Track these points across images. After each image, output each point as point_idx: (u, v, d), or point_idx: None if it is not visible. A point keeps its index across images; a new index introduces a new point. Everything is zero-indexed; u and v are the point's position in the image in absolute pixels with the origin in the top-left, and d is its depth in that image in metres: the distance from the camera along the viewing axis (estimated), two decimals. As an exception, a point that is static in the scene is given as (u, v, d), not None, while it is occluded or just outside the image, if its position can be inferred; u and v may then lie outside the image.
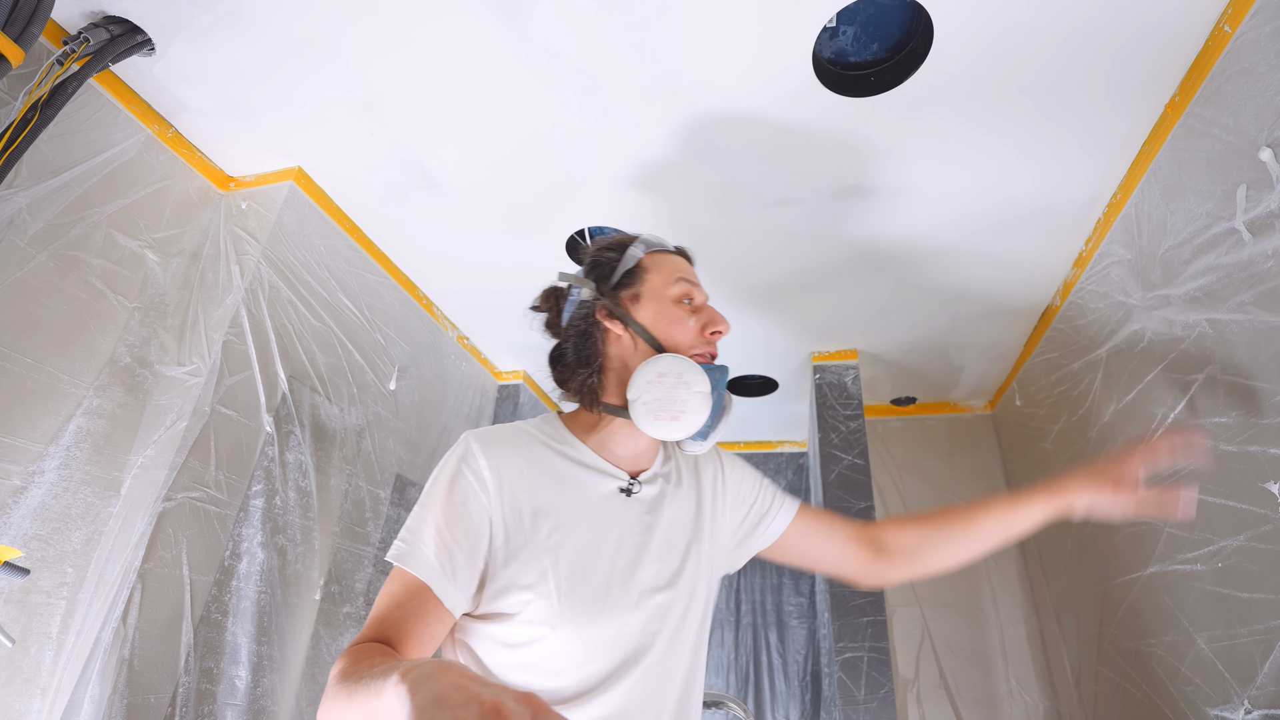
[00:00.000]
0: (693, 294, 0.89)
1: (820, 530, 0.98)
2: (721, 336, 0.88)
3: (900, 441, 2.57)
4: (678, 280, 0.89)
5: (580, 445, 0.85)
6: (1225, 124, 1.11)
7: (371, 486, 1.76)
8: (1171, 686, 1.34)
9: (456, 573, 0.72)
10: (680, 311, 0.87)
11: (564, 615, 0.74)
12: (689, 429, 0.78)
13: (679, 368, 0.79)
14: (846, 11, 1.17)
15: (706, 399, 0.79)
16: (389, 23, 1.16)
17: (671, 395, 0.78)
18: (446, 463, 0.79)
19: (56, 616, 1.14)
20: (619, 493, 0.83)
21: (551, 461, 0.82)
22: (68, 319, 1.21)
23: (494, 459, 0.78)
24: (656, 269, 0.90)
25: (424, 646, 0.70)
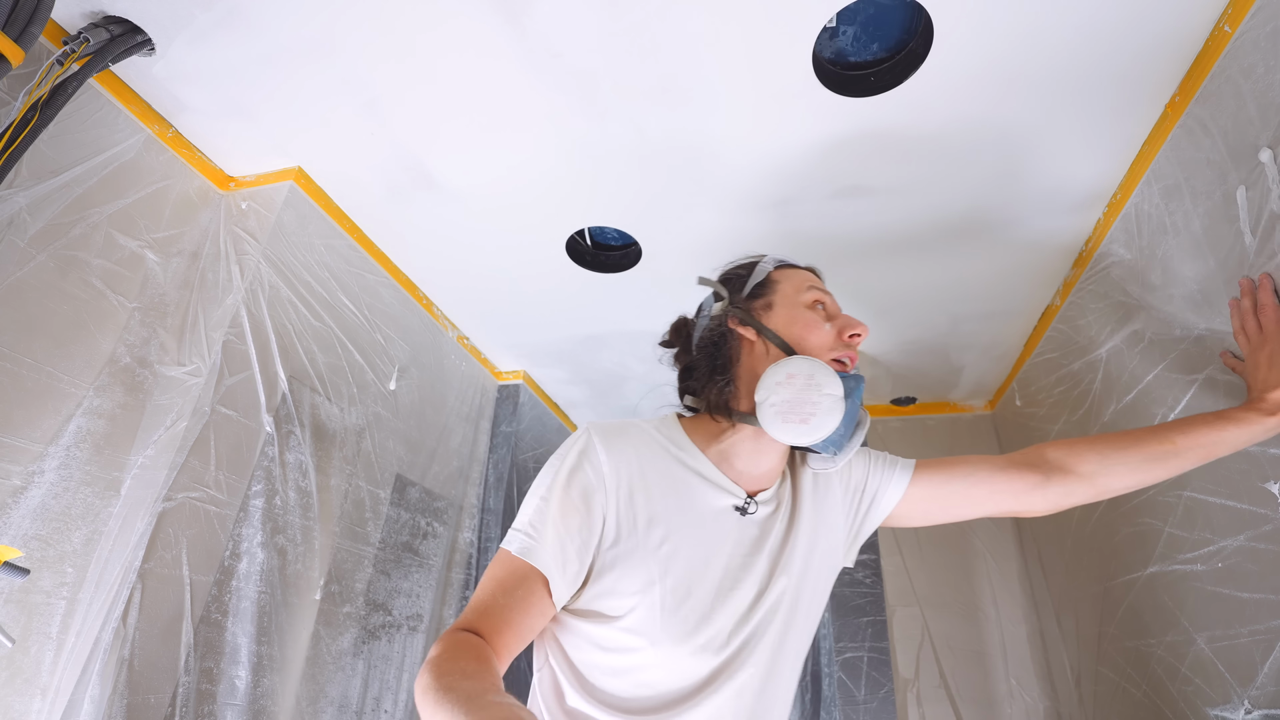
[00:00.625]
0: (825, 301, 0.89)
1: (954, 479, 0.91)
2: (860, 340, 0.86)
3: (900, 441, 2.57)
4: (809, 288, 0.89)
5: (699, 455, 0.83)
6: (1225, 124, 1.11)
7: (371, 486, 1.76)
8: (1171, 686, 1.34)
9: (567, 566, 0.72)
10: (813, 316, 0.86)
11: (665, 630, 0.72)
12: (819, 433, 0.74)
13: (809, 369, 0.76)
14: (846, 11, 1.17)
15: (839, 402, 0.75)
16: (390, 24, 1.17)
17: (801, 397, 0.74)
18: (567, 454, 0.78)
19: (56, 616, 1.14)
20: (733, 510, 0.81)
21: (669, 468, 0.80)
22: (68, 319, 1.21)
23: (614, 456, 0.77)
24: (787, 279, 0.91)
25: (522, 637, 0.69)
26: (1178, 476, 1.30)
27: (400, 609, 1.85)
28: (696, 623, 0.74)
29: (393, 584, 1.83)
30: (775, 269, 0.92)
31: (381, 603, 1.78)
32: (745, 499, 0.82)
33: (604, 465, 0.76)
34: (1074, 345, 1.75)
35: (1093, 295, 1.62)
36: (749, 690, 0.75)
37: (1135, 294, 1.43)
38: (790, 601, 0.81)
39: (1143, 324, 1.41)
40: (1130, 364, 1.47)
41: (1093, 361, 1.64)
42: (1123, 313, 1.49)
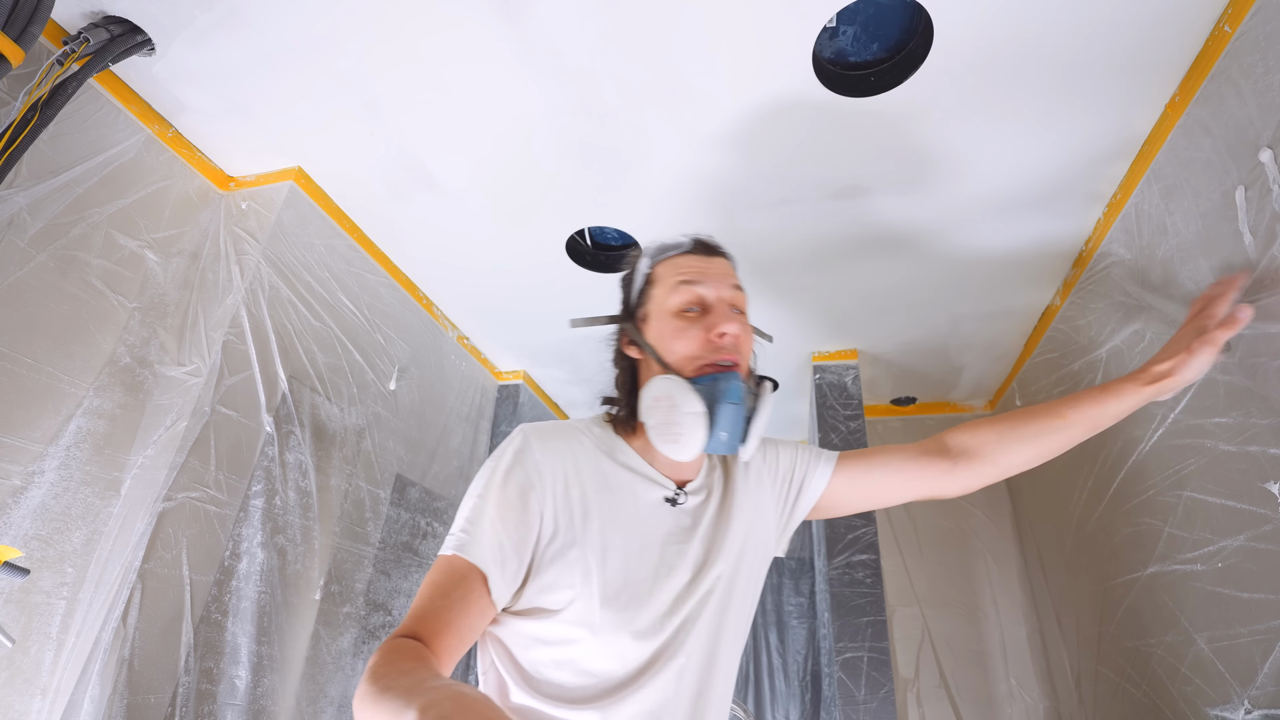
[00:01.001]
0: (700, 295, 0.84)
1: (873, 468, 0.94)
2: (730, 338, 0.82)
3: (900, 441, 2.56)
4: (677, 286, 0.84)
5: (629, 450, 0.85)
6: (1225, 124, 1.11)
7: (371, 486, 1.76)
8: (1171, 686, 1.34)
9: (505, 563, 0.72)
10: (680, 322, 0.83)
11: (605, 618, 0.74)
12: (692, 449, 0.76)
13: (668, 390, 0.78)
14: (846, 11, 1.17)
15: (699, 419, 0.76)
16: (390, 24, 1.16)
17: (668, 419, 0.77)
18: (502, 454, 0.78)
19: (56, 616, 1.14)
20: (665, 502, 0.83)
21: (601, 464, 0.82)
22: (68, 319, 1.21)
23: (549, 453, 0.78)
24: (660, 280, 0.87)
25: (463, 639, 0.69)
26: (1178, 476, 1.30)
27: (400, 609, 1.85)
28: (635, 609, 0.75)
29: (393, 584, 1.83)
30: (651, 267, 0.89)
31: (381, 603, 1.78)
32: (675, 490, 0.84)
33: (540, 463, 0.77)
34: (1074, 345, 1.75)
35: (1093, 295, 1.62)
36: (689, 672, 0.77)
37: (1135, 294, 1.43)
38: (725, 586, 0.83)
39: (1143, 324, 1.41)
40: (1130, 364, 1.47)
41: (1093, 361, 1.64)
42: (1123, 313, 1.49)
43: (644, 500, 0.82)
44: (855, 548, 1.96)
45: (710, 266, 0.87)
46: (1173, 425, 1.32)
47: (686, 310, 0.84)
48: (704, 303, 0.84)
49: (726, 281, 0.86)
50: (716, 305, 0.84)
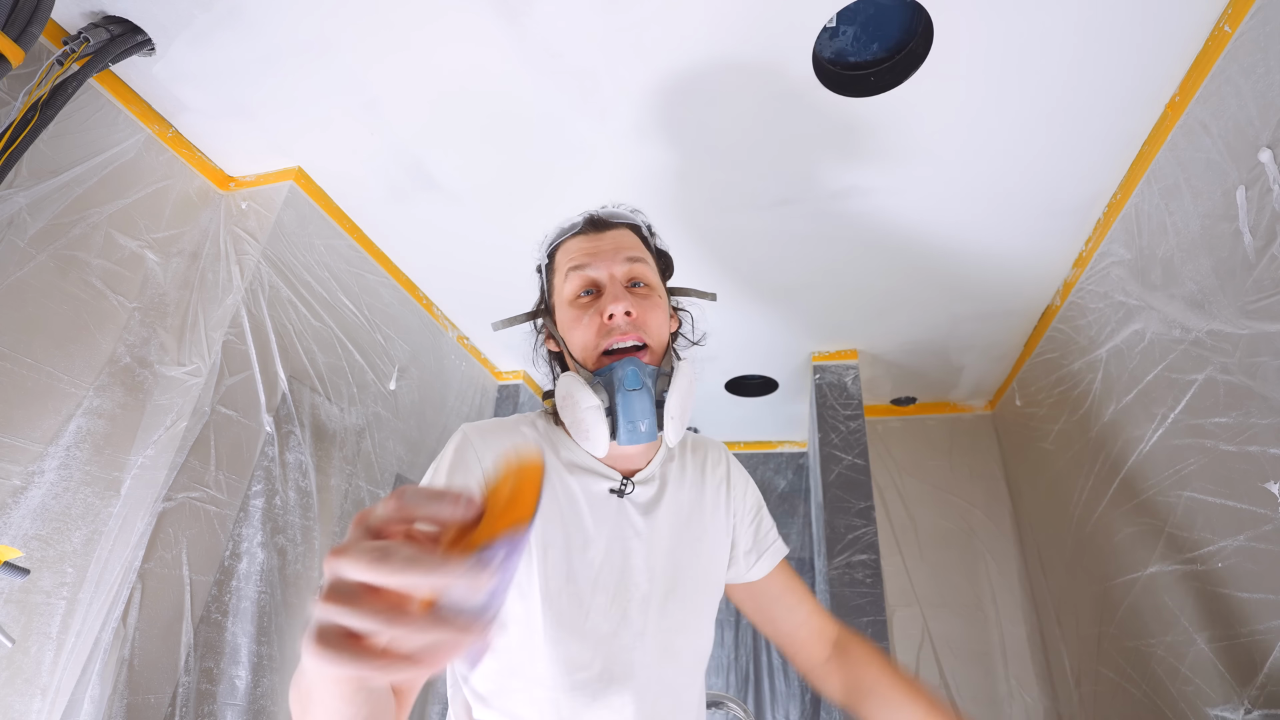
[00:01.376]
0: (591, 279, 0.79)
1: (790, 595, 0.92)
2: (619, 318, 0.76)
3: (900, 441, 2.57)
4: (569, 273, 0.80)
5: (572, 444, 0.81)
6: (1225, 124, 1.11)
7: (371, 486, 1.76)
8: (1171, 686, 1.34)
9: None
10: (574, 312, 0.79)
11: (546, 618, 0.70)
12: (599, 445, 0.74)
13: (568, 389, 0.75)
14: (846, 11, 1.17)
15: (598, 412, 0.73)
16: (389, 23, 1.16)
17: (576, 416, 0.74)
18: (445, 454, 0.76)
19: (56, 616, 1.14)
20: (610, 494, 0.79)
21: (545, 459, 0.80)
22: (68, 319, 1.21)
23: (489, 451, 0.75)
24: (557, 268, 0.84)
25: None
26: (1178, 476, 1.30)
27: (400, 609, 1.85)
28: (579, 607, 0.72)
29: (393, 584, 1.83)
30: (549, 255, 0.86)
31: (381, 603, 1.77)
32: (621, 481, 0.80)
33: (483, 460, 0.74)
34: (1074, 345, 1.75)
35: (1093, 295, 1.62)
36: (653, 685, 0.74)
37: (1135, 294, 1.43)
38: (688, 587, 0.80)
39: (1143, 324, 1.41)
40: (1130, 364, 1.47)
41: (1093, 361, 1.64)
42: (1123, 313, 1.49)
43: (590, 493, 0.78)
44: (855, 548, 1.96)
45: (600, 244, 0.82)
46: (1173, 425, 1.32)
47: (579, 297, 0.80)
48: (596, 284, 0.79)
49: (619, 255, 0.80)
50: (608, 284, 0.79)
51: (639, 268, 0.81)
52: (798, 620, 0.91)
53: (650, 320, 0.79)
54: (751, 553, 0.91)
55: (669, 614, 0.78)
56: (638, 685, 0.73)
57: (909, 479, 2.50)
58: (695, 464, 0.90)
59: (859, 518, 1.99)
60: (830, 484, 2.05)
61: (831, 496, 2.03)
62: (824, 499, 2.04)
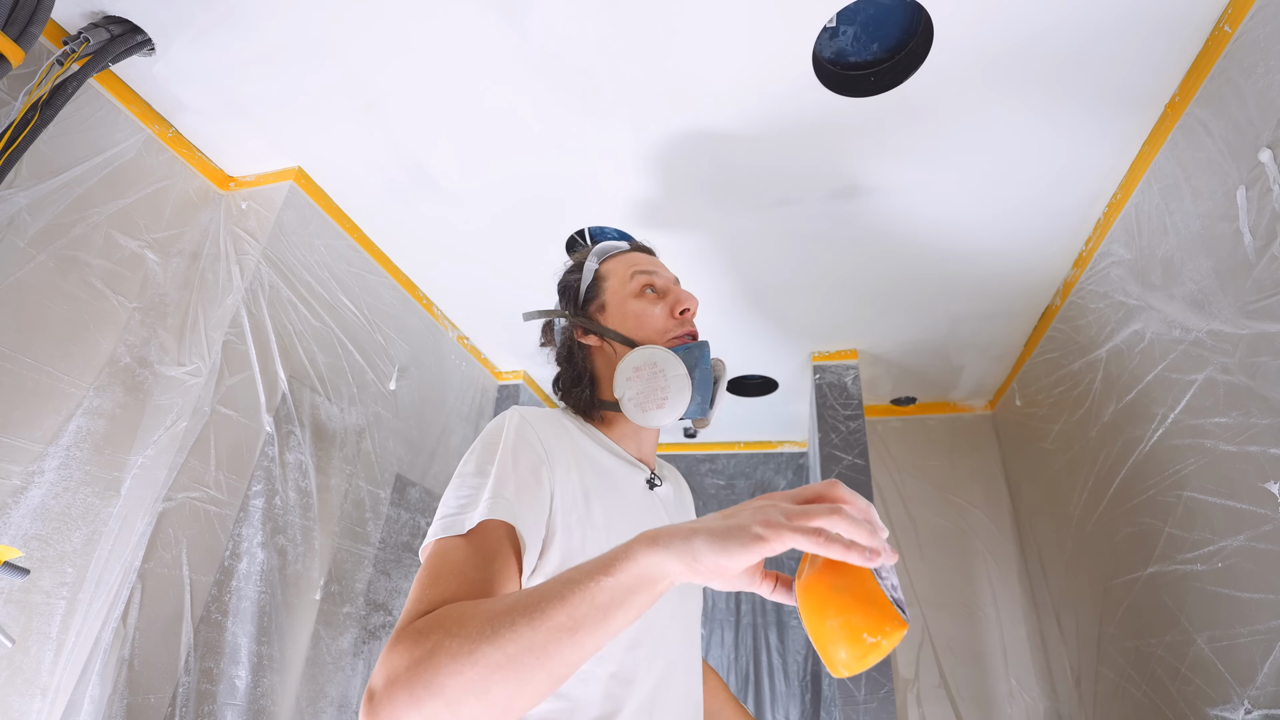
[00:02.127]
0: (654, 281, 0.91)
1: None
2: (692, 313, 0.90)
3: (900, 441, 2.57)
4: (634, 275, 0.91)
5: (602, 437, 0.86)
6: (1225, 124, 1.11)
7: (371, 486, 1.76)
8: (1171, 686, 1.34)
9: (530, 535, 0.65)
10: (643, 303, 0.89)
11: None
12: (677, 410, 0.80)
13: (652, 357, 0.81)
14: (846, 11, 1.17)
15: (686, 380, 0.80)
16: (389, 23, 1.17)
17: (651, 385, 0.80)
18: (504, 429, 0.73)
19: (56, 616, 1.14)
20: (645, 484, 0.86)
21: (590, 447, 0.82)
22: (68, 319, 1.21)
23: (549, 434, 0.76)
24: (612, 273, 0.93)
25: None
26: (1178, 476, 1.30)
27: (400, 609, 1.85)
28: None
29: (393, 584, 1.83)
30: (601, 264, 0.94)
31: (381, 603, 1.78)
32: (651, 473, 0.88)
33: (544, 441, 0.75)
34: (1074, 345, 1.75)
35: (1093, 295, 1.62)
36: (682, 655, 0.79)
37: (1135, 294, 1.43)
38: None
39: (1143, 324, 1.41)
40: (1130, 364, 1.47)
41: (1093, 361, 1.64)
42: (1123, 313, 1.49)
43: (631, 483, 0.84)
44: (855, 548, 1.95)
45: (654, 261, 0.96)
46: (1173, 425, 1.32)
47: (645, 292, 0.90)
48: (657, 288, 0.92)
49: (669, 273, 0.96)
50: (671, 289, 0.93)
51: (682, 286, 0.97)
52: None
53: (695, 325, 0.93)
54: None
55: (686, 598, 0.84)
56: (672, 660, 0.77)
57: (909, 479, 2.50)
58: (670, 471, 0.99)
59: (859, 518, 1.99)
60: (830, 484, 2.05)
61: (831, 496, 2.03)
62: (824, 499, 2.03)
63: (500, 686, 0.45)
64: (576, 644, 0.46)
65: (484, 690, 0.45)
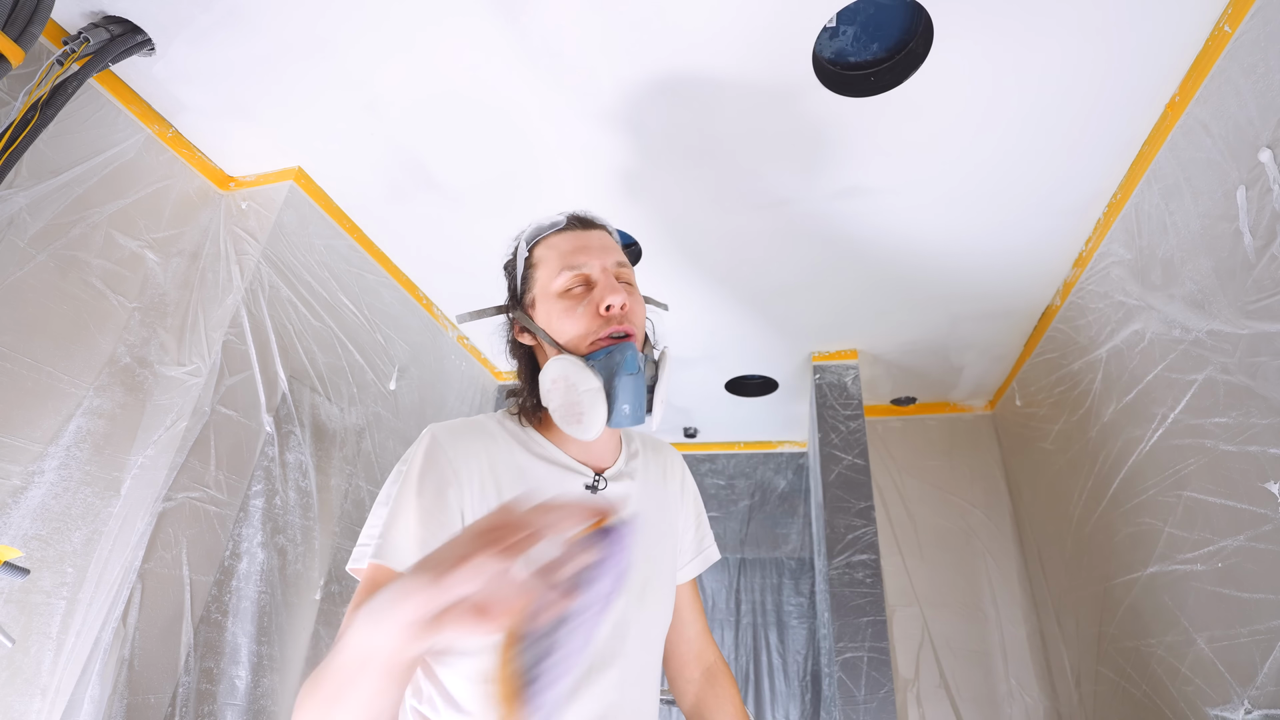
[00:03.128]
0: (583, 274, 0.81)
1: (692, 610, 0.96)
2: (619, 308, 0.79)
3: (900, 441, 2.57)
4: (561, 270, 0.82)
5: (544, 441, 0.82)
6: (1225, 124, 1.11)
7: (371, 486, 1.76)
8: (1171, 686, 1.34)
9: None
10: (565, 302, 0.80)
11: None
12: (594, 428, 0.74)
13: (563, 370, 0.76)
14: (846, 11, 1.17)
15: (598, 394, 0.74)
16: (389, 23, 1.16)
17: (569, 399, 0.75)
18: (413, 457, 0.74)
19: (56, 616, 1.14)
20: (584, 490, 0.80)
21: (515, 457, 0.79)
22: (68, 319, 1.21)
23: (461, 452, 0.74)
24: (541, 262, 0.84)
25: None
26: (1178, 476, 1.30)
27: (400, 609, 1.85)
28: None
29: (393, 584, 1.83)
30: (531, 249, 0.86)
31: (381, 603, 1.77)
32: (594, 477, 0.81)
33: (453, 460, 0.73)
34: (1074, 345, 1.75)
35: (1093, 295, 1.62)
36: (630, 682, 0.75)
37: (1135, 294, 1.43)
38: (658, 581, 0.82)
39: (1143, 324, 1.41)
40: (1130, 364, 1.47)
41: (1093, 361, 1.64)
42: (1123, 313, 1.49)
43: (563, 490, 0.79)
44: (855, 548, 1.96)
45: (589, 241, 0.85)
46: (1173, 425, 1.32)
47: (571, 289, 0.81)
48: (587, 279, 0.82)
49: (608, 254, 0.84)
50: (600, 278, 0.82)
51: (625, 268, 0.85)
52: (689, 635, 0.96)
53: (636, 314, 0.82)
54: (690, 553, 0.95)
55: (647, 605, 0.80)
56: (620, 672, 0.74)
57: (909, 479, 2.50)
58: (656, 464, 0.93)
59: (859, 518, 1.99)
60: (830, 484, 2.05)
61: (831, 496, 2.03)
62: (824, 499, 2.04)
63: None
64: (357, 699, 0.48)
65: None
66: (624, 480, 0.85)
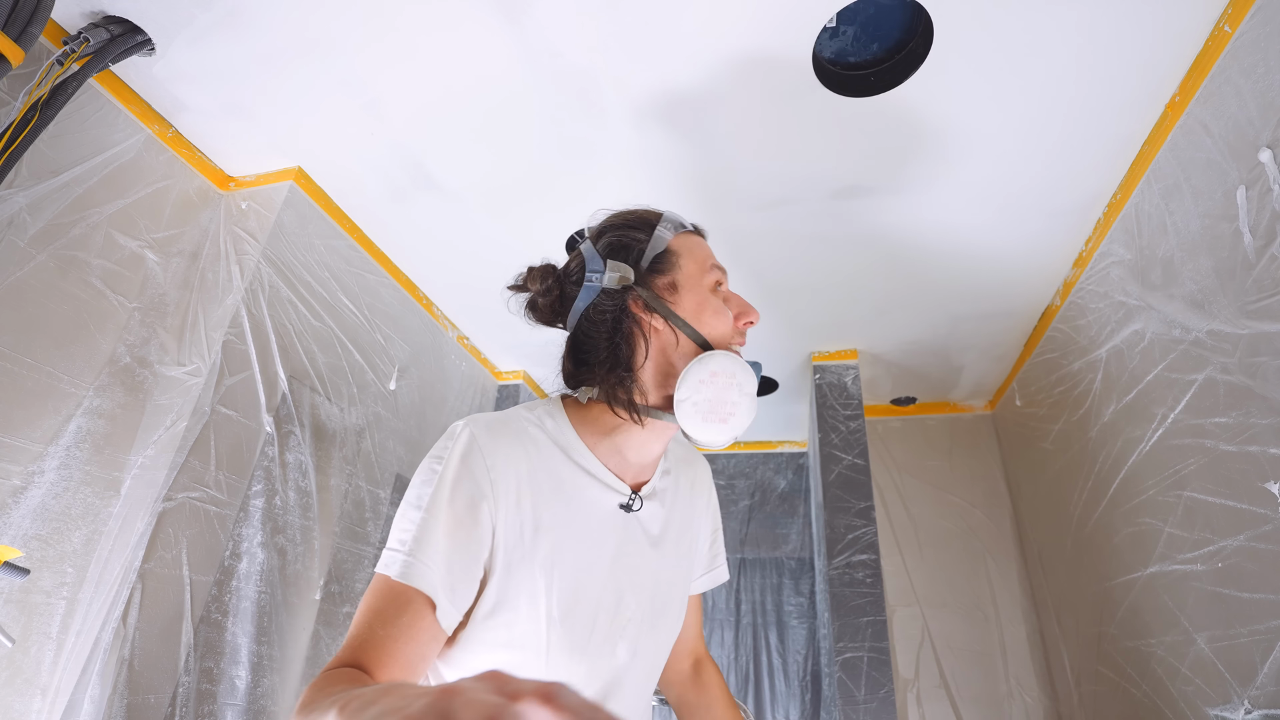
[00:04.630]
0: (723, 280, 0.82)
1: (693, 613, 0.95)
2: (753, 326, 0.81)
3: (900, 441, 2.57)
4: (711, 266, 0.81)
5: (586, 451, 0.76)
6: (1225, 124, 1.11)
7: (371, 486, 1.76)
8: (1171, 686, 1.34)
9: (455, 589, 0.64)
10: (718, 302, 0.78)
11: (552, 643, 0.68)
12: (736, 431, 0.73)
13: (732, 368, 0.72)
14: (846, 11, 1.17)
15: (753, 400, 0.73)
16: (390, 24, 1.16)
17: (723, 396, 0.71)
18: (448, 460, 0.68)
19: (56, 616, 1.14)
20: (619, 509, 0.76)
21: (556, 467, 0.73)
22: (68, 319, 1.21)
23: (500, 458, 0.69)
24: (689, 254, 0.81)
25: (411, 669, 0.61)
26: (1178, 476, 1.30)
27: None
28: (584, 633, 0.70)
29: (393, 584, 1.83)
30: (675, 236, 0.82)
31: (381, 603, 1.78)
32: (630, 495, 0.77)
33: (491, 469, 0.68)
34: (1074, 345, 1.75)
35: (1093, 295, 1.62)
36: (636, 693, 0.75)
37: (1135, 294, 1.43)
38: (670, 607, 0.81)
39: (1143, 324, 1.41)
40: (1130, 364, 1.47)
41: (1093, 361, 1.64)
42: (1123, 313, 1.49)
43: (599, 508, 0.75)
44: (855, 548, 1.96)
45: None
46: (1173, 425, 1.32)
47: (719, 287, 0.80)
48: (724, 290, 0.82)
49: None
50: (734, 295, 0.82)
51: None
52: (686, 637, 0.95)
53: None
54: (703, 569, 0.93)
55: (659, 632, 0.78)
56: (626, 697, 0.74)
57: (909, 479, 2.50)
58: (687, 478, 0.89)
59: (859, 518, 1.99)
60: (830, 484, 2.05)
61: (831, 496, 2.03)
62: (824, 499, 2.04)
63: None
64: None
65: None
66: (655, 499, 0.81)
